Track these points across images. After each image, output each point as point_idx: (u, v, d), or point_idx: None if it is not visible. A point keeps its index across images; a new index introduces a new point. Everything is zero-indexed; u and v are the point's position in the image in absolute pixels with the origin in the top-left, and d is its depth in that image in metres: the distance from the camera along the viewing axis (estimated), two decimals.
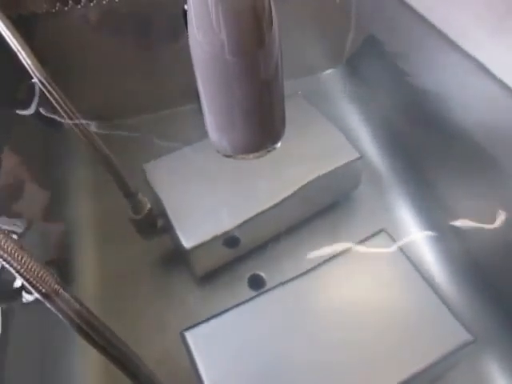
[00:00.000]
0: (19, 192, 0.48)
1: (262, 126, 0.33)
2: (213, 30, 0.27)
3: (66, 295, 0.25)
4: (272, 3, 0.28)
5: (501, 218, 0.44)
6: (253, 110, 0.32)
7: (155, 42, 0.59)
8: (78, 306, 0.25)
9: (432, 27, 0.52)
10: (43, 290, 0.24)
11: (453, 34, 0.49)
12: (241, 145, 0.34)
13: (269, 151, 0.35)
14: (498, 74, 0.45)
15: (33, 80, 0.40)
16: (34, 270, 0.24)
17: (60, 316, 0.25)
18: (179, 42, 0.55)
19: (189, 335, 0.43)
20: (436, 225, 0.53)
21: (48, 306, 0.24)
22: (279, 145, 0.35)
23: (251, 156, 0.35)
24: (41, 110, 0.47)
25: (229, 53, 0.27)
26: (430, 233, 0.53)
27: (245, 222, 0.49)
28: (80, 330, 0.25)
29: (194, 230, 0.49)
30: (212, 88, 0.31)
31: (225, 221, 0.49)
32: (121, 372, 0.28)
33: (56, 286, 0.24)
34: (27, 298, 0.28)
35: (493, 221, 0.45)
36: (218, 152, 0.35)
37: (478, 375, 0.45)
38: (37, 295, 0.24)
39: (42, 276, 0.24)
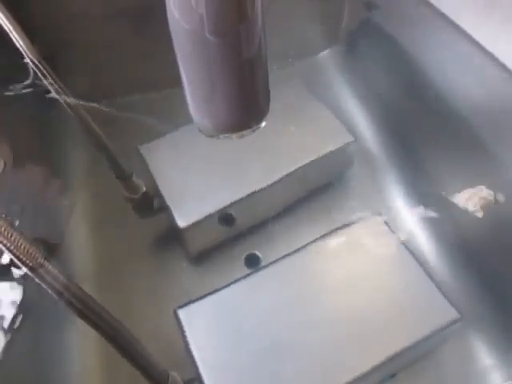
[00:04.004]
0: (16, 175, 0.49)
1: (245, 104, 0.32)
2: (190, 5, 0.25)
3: (53, 269, 0.25)
4: None
5: (491, 199, 0.45)
6: (235, 88, 0.30)
7: (153, 19, 0.59)
8: (64, 280, 0.25)
9: (429, 5, 0.51)
10: (31, 265, 0.25)
11: (450, 12, 0.48)
12: (223, 124, 0.33)
13: (253, 130, 0.33)
14: (497, 54, 0.44)
15: (24, 60, 0.40)
16: (24, 247, 0.25)
17: (48, 290, 0.25)
18: None
19: (181, 313, 0.43)
20: (427, 204, 0.53)
21: (36, 280, 0.25)
22: (264, 124, 0.34)
23: (234, 136, 0.33)
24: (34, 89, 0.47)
25: (208, 30, 0.26)
26: (421, 212, 0.54)
27: (239, 202, 0.50)
28: (68, 303, 0.26)
29: (188, 209, 0.49)
30: (192, 66, 0.30)
31: (219, 201, 0.50)
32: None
33: (43, 261, 0.25)
34: (17, 272, 0.29)
35: (483, 201, 0.45)
36: (200, 131, 0.34)
37: (465, 352, 0.46)
38: (25, 269, 0.25)
39: (30, 252, 0.25)
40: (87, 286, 0.51)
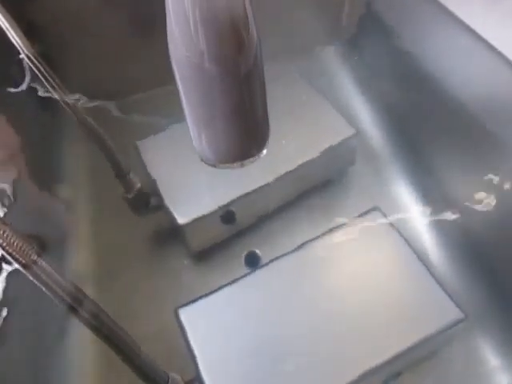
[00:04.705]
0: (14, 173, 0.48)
1: (245, 133, 0.33)
2: (191, 38, 0.27)
3: (47, 266, 0.25)
4: (249, 6, 0.28)
5: (496, 194, 0.44)
6: (234, 113, 0.31)
7: (154, 19, 0.59)
8: (58, 277, 0.25)
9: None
10: (23, 261, 0.24)
11: (452, 6, 0.48)
12: (224, 152, 0.34)
13: (253, 161, 0.35)
14: (500, 47, 0.44)
15: (20, 56, 0.40)
16: (16, 244, 0.24)
17: (41, 287, 0.25)
18: None
19: (182, 312, 0.43)
20: (431, 202, 0.52)
21: (29, 276, 0.25)
22: (265, 152, 0.35)
23: (235, 165, 0.35)
24: (32, 86, 0.47)
25: (208, 60, 0.28)
26: (425, 210, 0.53)
27: (238, 199, 0.49)
28: (62, 301, 0.25)
29: (187, 206, 0.49)
30: (193, 97, 0.31)
31: (219, 197, 0.49)
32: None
33: (36, 258, 0.25)
34: (7, 268, 0.29)
35: (488, 197, 0.44)
36: (202, 161, 0.36)
37: (470, 353, 0.45)
38: (17, 266, 0.24)
39: (22, 249, 0.24)
40: (87, 285, 0.51)
